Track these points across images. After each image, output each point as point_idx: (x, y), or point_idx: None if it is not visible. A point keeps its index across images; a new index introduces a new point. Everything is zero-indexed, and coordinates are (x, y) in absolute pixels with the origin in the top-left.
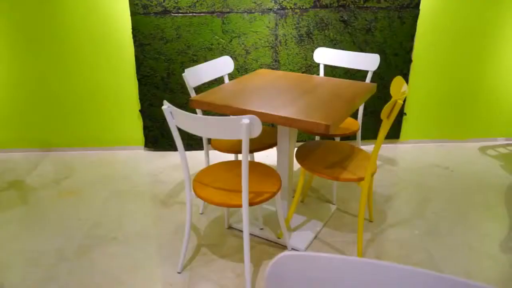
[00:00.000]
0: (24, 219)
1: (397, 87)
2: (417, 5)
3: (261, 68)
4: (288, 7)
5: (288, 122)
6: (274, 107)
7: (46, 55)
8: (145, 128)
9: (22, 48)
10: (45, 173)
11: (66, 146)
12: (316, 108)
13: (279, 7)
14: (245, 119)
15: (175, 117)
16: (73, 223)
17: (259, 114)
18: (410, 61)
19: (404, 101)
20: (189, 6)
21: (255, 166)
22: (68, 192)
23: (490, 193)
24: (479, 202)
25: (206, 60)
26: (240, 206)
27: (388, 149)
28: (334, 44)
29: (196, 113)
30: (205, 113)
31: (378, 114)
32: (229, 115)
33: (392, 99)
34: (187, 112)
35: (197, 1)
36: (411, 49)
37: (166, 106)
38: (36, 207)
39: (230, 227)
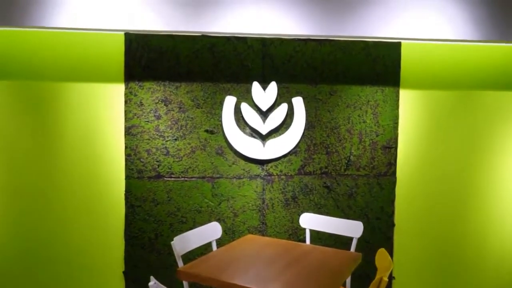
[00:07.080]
0: None
1: (382, 260)
2: (394, 173)
3: (248, 230)
4: (275, 174)
5: None
6: (262, 281)
7: (32, 211)
8: None
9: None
10: None
11: None
12: (303, 283)
13: (266, 173)
14: None
15: None
16: None
17: None
18: (393, 224)
19: None
20: (182, 171)
21: None
22: None
23: None
24: None
25: (194, 222)
26: None
27: None
28: (318, 208)
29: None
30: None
31: (365, 278)
32: None
33: (377, 277)
34: None
35: (189, 167)
36: (392, 213)
37: (153, 283)
38: None
39: None
